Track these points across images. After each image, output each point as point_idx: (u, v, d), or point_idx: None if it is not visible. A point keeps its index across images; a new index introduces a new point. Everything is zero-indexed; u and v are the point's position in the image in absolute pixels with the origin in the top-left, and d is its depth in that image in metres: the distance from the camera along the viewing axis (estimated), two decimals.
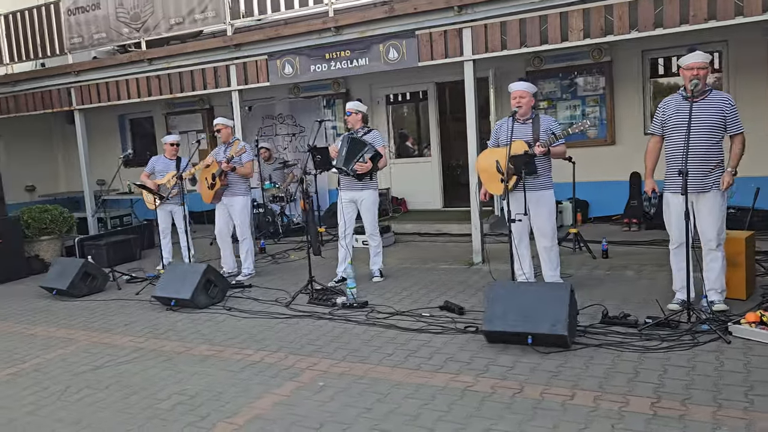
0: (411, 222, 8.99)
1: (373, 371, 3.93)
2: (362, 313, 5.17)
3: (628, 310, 4.61)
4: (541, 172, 5.15)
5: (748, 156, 4.50)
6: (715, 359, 3.67)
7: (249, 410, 3.50)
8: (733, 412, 3.03)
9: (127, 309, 5.98)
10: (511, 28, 6.21)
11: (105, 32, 8.66)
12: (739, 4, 5.26)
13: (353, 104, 6.13)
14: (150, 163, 7.42)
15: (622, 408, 3.17)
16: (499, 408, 3.27)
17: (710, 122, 4.42)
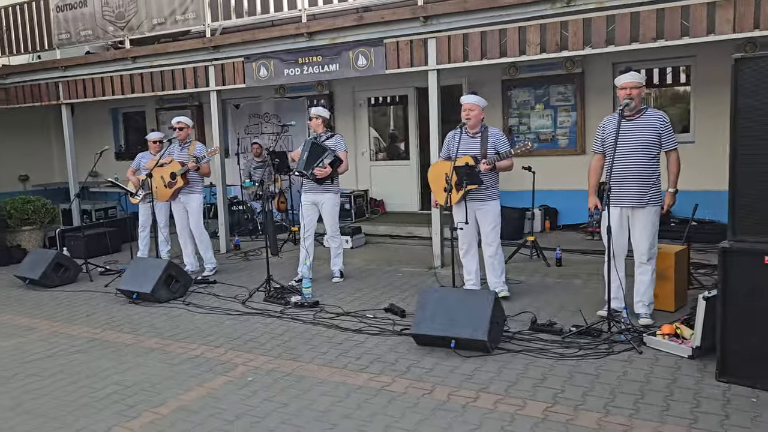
0: (385, 224, 9.18)
1: (301, 368, 4.15)
2: (311, 313, 5.38)
3: (563, 317, 4.83)
4: (487, 184, 5.34)
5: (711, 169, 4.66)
6: (621, 368, 3.86)
7: (176, 401, 3.72)
8: (617, 419, 3.22)
9: (93, 301, 6.23)
10: (473, 40, 6.39)
11: (91, 29, 8.90)
12: (686, 24, 5.41)
13: (315, 109, 6.33)
14: (136, 159, 7.67)
15: (517, 411, 3.37)
16: (404, 407, 3.48)
17: (645, 139, 4.59)
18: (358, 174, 10.49)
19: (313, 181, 6.17)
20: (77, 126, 12.25)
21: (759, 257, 3.39)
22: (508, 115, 9.07)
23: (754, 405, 3.29)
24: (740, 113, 3.45)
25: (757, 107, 3.40)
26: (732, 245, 3.50)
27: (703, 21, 5.34)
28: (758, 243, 3.44)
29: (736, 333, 3.51)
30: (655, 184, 4.62)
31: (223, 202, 8.40)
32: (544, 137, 8.89)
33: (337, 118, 10.56)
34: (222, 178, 8.34)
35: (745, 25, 5.18)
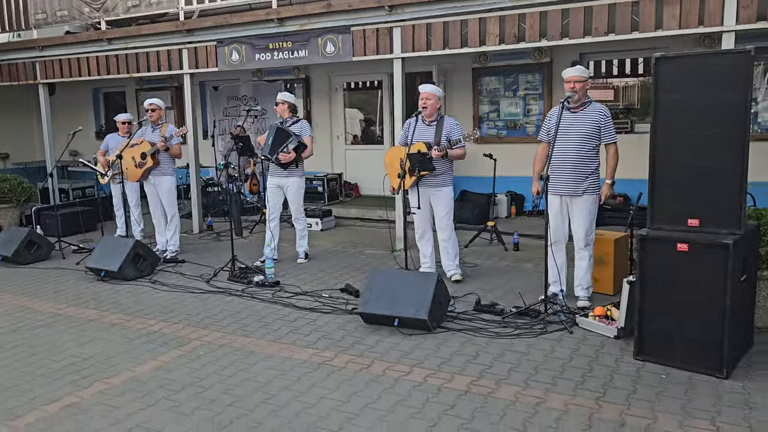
0: (357, 207, 9.39)
1: (252, 344, 4.38)
2: (270, 292, 5.60)
3: (509, 299, 5.08)
4: (440, 171, 5.54)
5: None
6: (549, 347, 4.11)
7: (128, 373, 3.94)
8: (534, 392, 3.47)
9: (63, 278, 6.42)
10: (435, 30, 6.55)
11: (67, 10, 8.98)
12: (636, 19, 5.61)
13: (282, 95, 6.49)
14: (105, 140, 7.82)
15: (443, 384, 3.62)
16: (341, 380, 3.72)
17: (585, 132, 4.80)
18: (333, 158, 10.67)
19: (278, 165, 6.35)
20: (59, 105, 12.39)
21: (673, 244, 3.62)
22: (479, 102, 9.25)
23: (663, 381, 3.55)
24: (659, 108, 3.67)
25: (675, 102, 3.61)
26: (649, 233, 3.74)
27: (652, 17, 5.53)
28: (673, 231, 3.67)
29: (652, 315, 3.76)
30: (593, 174, 4.83)
31: (197, 183, 8.57)
32: (512, 125, 9.09)
33: (313, 102, 10.71)
34: (195, 160, 8.50)
35: (691, 21, 5.38)
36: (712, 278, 3.50)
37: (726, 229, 3.53)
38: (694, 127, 3.57)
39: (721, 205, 3.55)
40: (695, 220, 3.62)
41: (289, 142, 6.24)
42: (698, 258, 3.55)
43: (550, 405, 3.32)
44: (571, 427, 3.08)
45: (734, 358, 3.64)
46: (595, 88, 8.76)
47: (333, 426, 3.18)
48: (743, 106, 3.43)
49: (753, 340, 4.00)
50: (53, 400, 3.59)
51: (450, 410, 3.30)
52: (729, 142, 3.49)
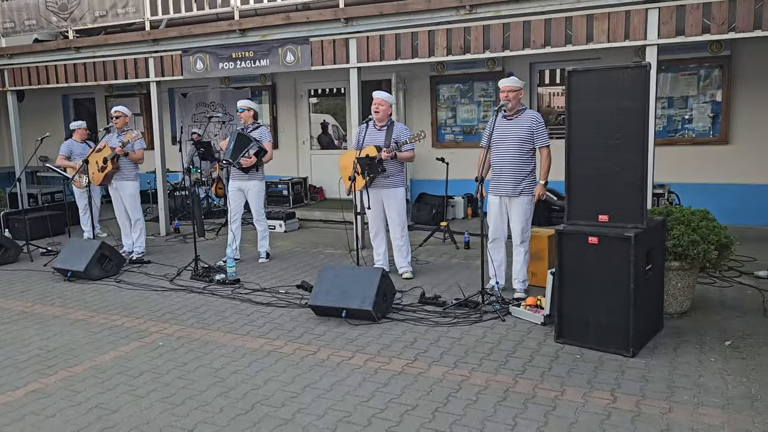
0: (321, 210, 9.73)
1: (208, 336, 4.69)
2: (230, 289, 5.92)
3: (453, 292, 5.45)
4: (391, 173, 5.92)
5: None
6: (481, 333, 4.50)
7: (90, 362, 4.24)
8: (461, 372, 3.85)
9: (30, 279, 6.65)
10: (388, 41, 6.95)
11: (35, 19, 9.19)
12: (569, 33, 6.06)
13: (245, 102, 6.81)
14: (65, 147, 8.05)
15: (381, 367, 3.98)
16: (288, 365, 4.06)
17: (520, 137, 5.22)
18: (299, 162, 11.01)
19: (239, 170, 6.67)
20: (29, 112, 12.55)
21: (585, 238, 4.04)
22: (437, 109, 9.68)
23: (576, 360, 3.96)
24: (572, 116, 4.09)
25: (585, 111, 4.04)
26: (565, 228, 4.15)
27: (584, 31, 5.99)
28: (586, 226, 4.09)
29: (569, 302, 4.18)
30: (529, 176, 5.25)
31: (163, 188, 8.83)
32: (468, 130, 9.53)
33: (279, 108, 11.05)
34: (161, 165, 8.75)
35: (618, 36, 5.85)
36: (617, 267, 3.92)
37: (630, 224, 3.96)
38: (601, 133, 4.00)
39: (627, 203, 3.98)
40: (605, 216, 4.05)
41: (250, 148, 6.57)
42: (606, 250, 3.97)
43: (472, 382, 3.71)
44: (488, 399, 3.47)
45: (642, 340, 4.07)
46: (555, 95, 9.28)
47: (276, 404, 3.52)
48: (642, 113, 3.86)
49: (663, 324, 4.44)
50: (19, 387, 3.87)
51: (383, 388, 3.67)
52: (632, 146, 3.92)
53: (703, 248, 4.31)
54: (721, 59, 7.79)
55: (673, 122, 8.27)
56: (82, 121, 8.36)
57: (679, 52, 7.81)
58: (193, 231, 6.64)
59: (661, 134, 8.30)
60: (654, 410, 3.27)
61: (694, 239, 4.31)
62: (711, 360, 3.87)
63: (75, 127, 8.09)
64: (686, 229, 4.37)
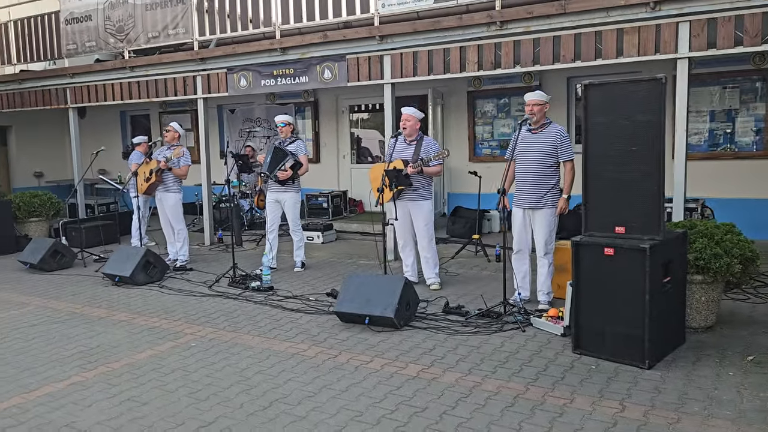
0: (359, 222, 9.93)
1: (238, 338, 4.93)
2: (264, 296, 6.16)
3: (475, 303, 5.53)
4: (418, 186, 6.06)
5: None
6: (500, 342, 4.57)
7: (128, 359, 4.53)
8: (474, 378, 3.94)
9: (82, 283, 7.08)
10: (421, 58, 7.13)
11: (95, 41, 9.82)
12: (599, 47, 6.10)
13: (284, 117, 7.08)
14: (134, 157, 8.53)
15: (397, 371, 4.10)
16: (309, 367, 4.24)
17: (544, 150, 5.29)
18: (340, 175, 11.29)
19: (276, 182, 6.94)
20: (90, 127, 13.33)
21: (601, 249, 4.08)
22: (474, 124, 9.78)
23: (591, 371, 3.98)
24: (589, 128, 4.15)
25: (602, 123, 4.10)
26: (581, 240, 4.20)
27: (613, 46, 6.01)
28: (602, 237, 4.13)
29: (586, 313, 4.21)
30: (552, 189, 5.30)
31: (208, 200, 9.23)
32: (505, 144, 9.57)
33: (321, 123, 11.38)
34: (207, 177, 9.15)
35: (648, 49, 5.85)
36: (633, 279, 3.93)
37: (647, 236, 3.97)
38: (618, 146, 4.04)
39: (643, 215, 4.00)
40: (621, 228, 4.08)
41: (286, 161, 6.83)
42: (622, 261, 3.99)
43: (484, 388, 3.79)
44: (497, 405, 3.54)
45: (659, 352, 4.06)
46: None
47: (293, 402, 3.69)
48: (658, 126, 3.89)
49: (684, 338, 4.40)
50: (61, 380, 4.18)
51: (396, 390, 3.79)
52: (648, 159, 3.95)
53: (725, 262, 4.27)
54: (764, 72, 7.63)
55: (715, 136, 8.11)
56: (144, 137, 8.98)
57: (721, 65, 7.69)
58: (232, 241, 6.94)
59: (702, 148, 8.17)
60: (661, 420, 3.28)
61: (716, 252, 4.28)
62: (729, 374, 3.83)
63: (138, 141, 8.72)
64: (709, 242, 4.34)
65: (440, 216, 9.92)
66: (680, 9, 5.67)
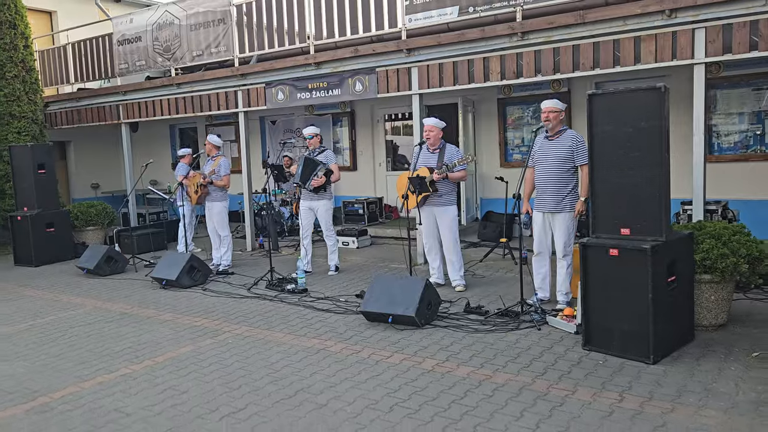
0: (393, 227, 10.25)
1: (271, 336, 5.31)
2: (298, 298, 6.55)
3: (497, 304, 5.77)
4: (443, 192, 6.35)
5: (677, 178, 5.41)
6: (515, 339, 4.81)
7: (171, 354, 4.97)
8: (485, 372, 4.20)
9: (133, 286, 7.64)
10: (446, 69, 7.42)
11: (144, 60, 10.50)
12: (618, 54, 6.26)
13: (311, 129, 7.48)
14: (180, 169, 9.12)
15: (414, 365, 4.40)
16: (333, 361, 4.58)
17: (561, 155, 5.50)
18: (376, 183, 11.65)
19: (309, 191, 7.33)
20: (142, 140, 14.10)
21: (606, 250, 4.28)
22: (504, 130, 9.99)
23: (598, 365, 4.19)
24: (595, 136, 4.37)
25: (606, 131, 4.31)
26: (589, 241, 4.41)
27: (631, 52, 6.17)
28: (608, 239, 4.33)
29: (595, 311, 4.41)
30: (571, 193, 5.50)
31: (250, 207, 9.73)
32: None
33: (357, 133, 11.77)
34: (248, 186, 9.65)
35: (665, 56, 5.99)
36: (637, 278, 4.12)
37: (651, 237, 4.16)
38: (622, 151, 4.24)
39: (647, 217, 4.19)
40: (627, 230, 4.27)
41: (318, 170, 7.23)
42: (626, 261, 4.19)
43: (494, 381, 4.05)
44: (503, 396, 3.80)
45: (664, 348, 4.22)
46: None
47: (316, 391, 4.04)
48: (659, 132, 4.08)
49: (693, 335, 4.55)
50: (112, 372, 4.65)
51: (411, 382, 4.09)
52: (650, 163, 4.14)
53: (732, 261, 4.40)
54: None
55: (745, 138, 8.10)
56: (188, 149, 9.55)
57: (749, 67, 7.69)
58: (268, 246, 7.38)
59: (732, 150, 8.17)
60: (656, 410, 3.47)
61: (723, 252, 4.42)
62: (731, 369, 3.98)
63: (182, 153, 9.31)
64: (716, 243, 4.48)
65: (473, 221, 10.16)
66: (696, 16, 5.79)
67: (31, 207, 9.51)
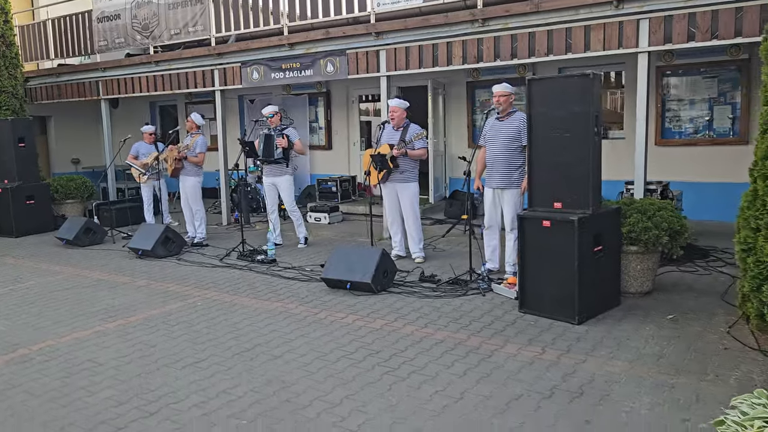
0: (364, 204, 10.63)
1: (237, 300, 5.71)
2: (267, 267, 6.94)
3: (451, 273, 6.19)
4: (404, 169, 6.74)
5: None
6: (460, 303, 5.25)
7: (143, 315, 5.35)
8: (427, 330, 4.63)
9: (110, 256, 7.98)
10: (412, 53, 7.77)
11: (123, 38, 10.71)
12: (570, 41, 6.66)
13: (271, 108, 7.78)
14: (134, 147, 9.42)
15: (366, 324, 4.83)
16: (292, 322, 4.99)
17: (509, 136, 5.91)
18: (350, 161, 12.01)
19: (272, 165, 7.65)
20: (122, 117, 14.30)
21: (540, 222, 4.71)
22: (472, 113, 10.38)
23: (529, 325, 4.64)
24: (533, 118, 4.77)
25: (543, 114, 4.72)
26: (525, 213, 4.84)
27: (581, 40, 6.57)
28: (543, 212, 4.76)
29: (530, 277, 4.85)
30: (518, 170, 5.91)
31: (225, 184, 10.06)
32: None
33: (333, 113, 12.10)
34: (224, 163, 9.96)
35: (612, 44, 6.40)
36: (566, 247, 4.56)
37: (579, 210, 4.59)
38: (556, 132, 4.66)
39: (577, 192, 4.62)
40: (559, 203, 4.70)
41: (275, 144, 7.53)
42: (557, 232, 4.62)
43: (434, 337, 4.48)
44: (439, 349, 4.24)
45: (590, 311, 4.68)
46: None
47: (272, 346, 4.45)
48: (588, 115, 4.49)
49: (620, 301, 5.01)
50: (86, 329, 5.02)
51: (360, 338, 4.52)
52: (580, 144, 4.56)
53: (654, 234, 4.86)
54: (739, 62, 8.05)
55: (695, 123, 8.57)
56: (151, 126, 9.73)
57: (699, 56, 8.14)
58: (240, 220, 7.75)
59: (683, 135, 8.64)
60: (570, 361, 3.93)
61: (646, 226, 4.87)
62: (646, 329, 4.45)
63: (144, 131, 9.47)
64: (642, 216, 4.93)
65: (441, 199, 10.58)
66: (641, 7, 6.19)
67: (11, 180, 9.76)
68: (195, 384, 3.85)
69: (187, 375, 4.00)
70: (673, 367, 3.78)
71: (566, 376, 3.72)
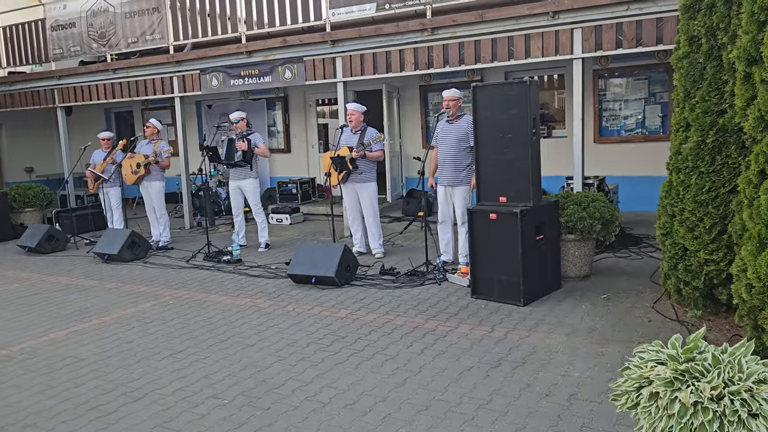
0: (325, 205, 11.00)
1: (207, 298, 6.01)
2: (233, 267, 7.24)
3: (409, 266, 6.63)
4: (363, 170, 7.14)
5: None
6: (417, 292, 5.69)
7: (116, 314, 5.61)
8: (387, 317, 5.05)
9: (74, 261, 8.13)
10: (366, 59, 8.20)
11: (79, 46, 10.79)
12: (512, 49, 7.20)
13: (237, 114, 8.08)
14: (92, 156, 9.54)
15: (331, 314, 5.21)
16: (261, 314, 5.34)
17: (458, 137, 6.38)
18: (309, 164, 12.35)
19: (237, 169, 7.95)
20: (77, 124, 14.25)
21: (487, 215, 5.20)
22: (425, 115, 10.88)
23: (480, 309, 5.11)
24: (478, 120, 5.25)
25: (487, 117, 5.20)
26: (474, 208, 5.31)
27: (522, 47, 7.11)
28: (489, 206, 5.25)
29: (480, 265, 5.33)
30: (467, 169, 6.40)
31: (187, 188, 10.27)
32: None
33: (291, 117, 12.42)
34: (185, 168, 10.19)
35: (550, 51, 6.96)
36: (511, 237, 5.05)
37: (522, 203, 5.09)
38: (499, 133, 5.15)
39: (520, 187, 5.12)
40: (504, 198, 5.20)
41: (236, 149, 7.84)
42: (502, 223, 5.11)
43: (394, 323, 4.91)
44: (399, 332, 4.66)
45: (533, 294, 5.18)
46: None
47: (245, 336, 4.80)
48: (527, 118, 5.00)
49: (560, 284, 5.54)
50: (63, 329, 5.25)
51: (327, 326, 4.90)
52: (521, 143, 5.06)
53: (588, 223, 5.40)
54: (667, 65, 8.74)
55: (629, 122, 9.26)
56: (108, 132, 9.77)
57: (632, 60, 8.81)
58: (205, 223, 8.02)
59: (619, 132, 9.33)
60: (516, 336, 4.42)
61: (581, 216, 5.41)
62: (582, 307, 4.98)
63: (100, 137, 9.55)
64: (578, 208, 5.47)
65: (398, 198, 11.03)
66: (574, 18, 6.76)
67: None
68: (176, 372, 4.17)
69: (166, 365, 4.31)
70: (603, 338, 4.30)
71: (512, 349, 4.20)
